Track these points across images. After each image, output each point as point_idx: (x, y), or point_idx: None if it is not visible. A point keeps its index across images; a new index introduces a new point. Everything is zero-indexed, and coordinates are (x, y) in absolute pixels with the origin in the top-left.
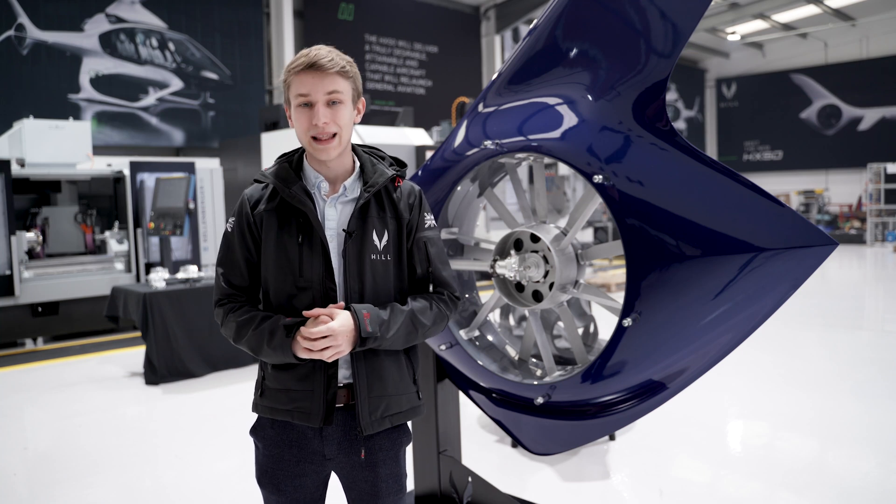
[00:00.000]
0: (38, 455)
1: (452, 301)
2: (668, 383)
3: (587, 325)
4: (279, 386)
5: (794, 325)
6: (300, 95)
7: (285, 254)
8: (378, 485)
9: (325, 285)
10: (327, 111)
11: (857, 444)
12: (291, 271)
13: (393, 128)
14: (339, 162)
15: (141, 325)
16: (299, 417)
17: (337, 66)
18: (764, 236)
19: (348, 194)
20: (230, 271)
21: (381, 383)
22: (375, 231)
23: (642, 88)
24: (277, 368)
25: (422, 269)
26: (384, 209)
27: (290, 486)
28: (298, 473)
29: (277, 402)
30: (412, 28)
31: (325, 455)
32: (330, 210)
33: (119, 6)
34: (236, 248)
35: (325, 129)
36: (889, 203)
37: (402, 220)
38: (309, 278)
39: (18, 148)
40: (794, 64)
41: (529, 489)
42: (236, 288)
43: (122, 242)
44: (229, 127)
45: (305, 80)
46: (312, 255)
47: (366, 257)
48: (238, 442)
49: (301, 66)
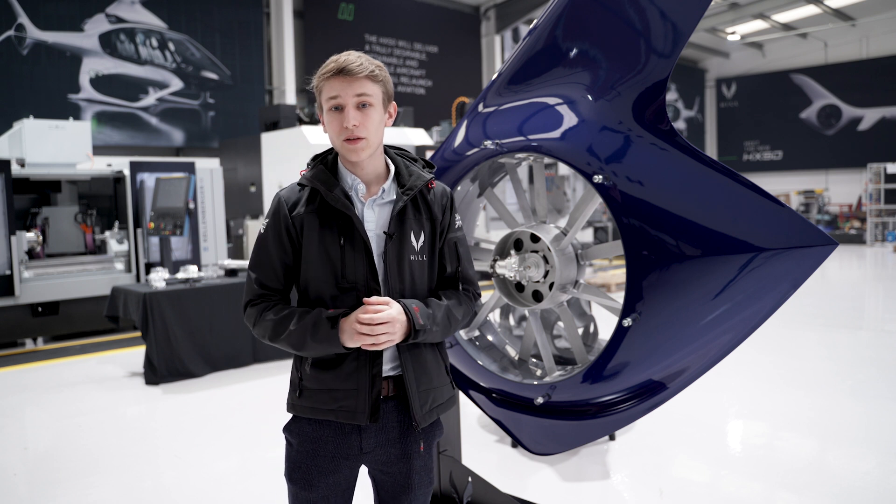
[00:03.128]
0: (38, 455)
1: (476, 297)
2: (668, 383)
3: (587, 325)
4: (321, 386)
5: (793, 325)
6: (331, 99)
7: (327, 255)
8: (412, 477)
9: (368, 286)
10: (357, 114)
11: (856, 444)
12: (334, 272)
13: (393, 128)
14: (373, 164)
15: (141, 325)
16: (344, 416)
17: (366, 70)
18: (764, 236)
19: (385, 197)
20: (265, 272)
21: (427, 376)
22: (413, 233)
23: (642, 88)
24: (318, 368)
25: (451, 268)
26: (420, 211)
27: (322, 482)
28: (333, 469)
29: (319, 403)
30: (412, 28)
31: (363, 449)
32: (368, 212)
33: (119, 6)
34: (272, 250)
35: (354, 132)
36: (889, 203)
37: (436, 222)
38: (352, 279)
39: (18, 148)
40: (794, 64)
41: (529, 489)
42: (269, 289)
43: (122, 242)
44: (229, 127)
45: (335, 85)
46: (355, 256)
47: (405, 258)
48: (238, 441)
49: (331, 71)
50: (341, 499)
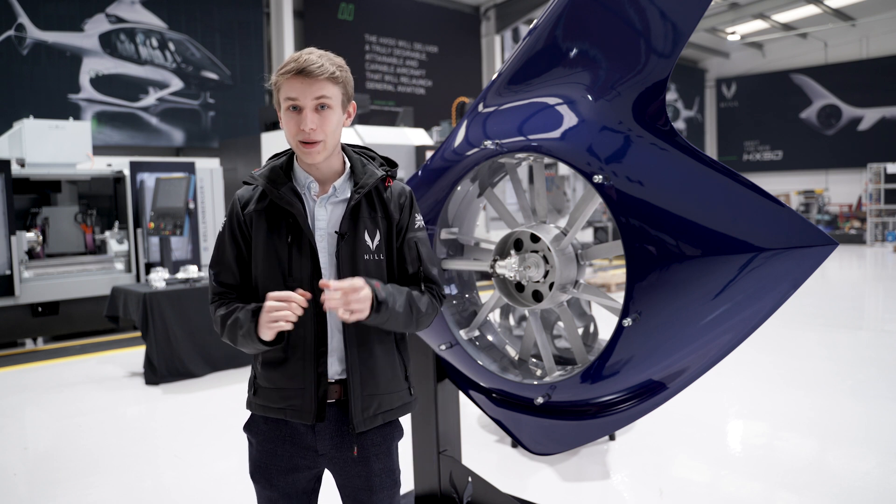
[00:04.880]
0: (38, 455)
1: (440, 298)
2: (668, 383)
3: (587, 325)
4: (270, 385)
5: (793, 325)
6: (289, 99)
7: (275, 254)
8: (372, 479)
9: (313, 285)
10: (315, 116)
11: (856, 444)
12: (281, 271)
13: (393, 128)
14: (329, 163)
15: (141, 325)
16: (292, 415)
17: (326, 71)
18: (764, 236)
19: (338, 195)
20: (222, 270)
21: (374, 381)
22: (367, 231)
23: (642, 88)
24: (267, 367)
25: (413, 268)
26: (375, 209)
27: (282, 481)
28: (291, 469)
29: (270, 401)
30: (412, 28)
31: (318, 451)
32: (320, 210)
33: (119, 6)
34: (227, 248)
35: (311, 135)
36: (889, 203)
37: (392, 220)
38: (298, 278)
39: (18, 148)
40: (794, 64)
41: (529, 489)
42: (228, 286)
43: (122, 242)
44: (229, 127)
45: (294, 85)
46: (301, 255)
47: (359, 258)
48: (238, 442)
49: (290, 71)
50: (304, 497)
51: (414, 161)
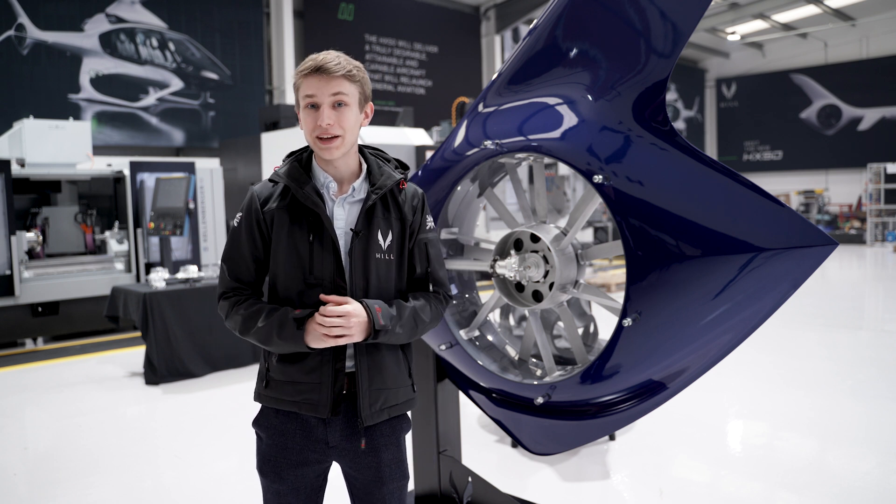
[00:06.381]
0: (38, 455)
1: (447, 300)
2: (668, 383)
3: (587, 325)
4: (286, 378)
5: (793, 325)
6: (307, 97)
7: (296, 251)
8: (382, 470)
9: (335, 282)
10: (332, 113)
11: (856, 444)
12: (302, 268)
13: (393, 128)
14: (346, 163)
15: (141, 325)
16: (306, 409)
17: (343, 69)
18: (764, 236)
19: (356, 195)
20: (236, 265)
21: (381, 377)
22: (380, 231)
23: (642, 88)
24: (284, 361)
25: (421, 269)
26: (389, 210)
27: (291, 475)
28: (301, 462)
29: (284, 394)
30: (412, 28)
31: (329, 443)
32: (338, 209)
33: (119, 6)
34: (243, 243)
35: (328, 130)
36: (889, 203)
37: (405, 222)
38: (319, 276)
39: (18, 148)
40: (794, 64)
41: (529, 489)
42: (241, 282)
43: (122, 242)
44: (229, 127)
45: (312, 83)
46: (323, 252)
47: (371, 256)
48: (238, 442)
49: (309, 69)
50: (311, 492)
51: (414, 161)
